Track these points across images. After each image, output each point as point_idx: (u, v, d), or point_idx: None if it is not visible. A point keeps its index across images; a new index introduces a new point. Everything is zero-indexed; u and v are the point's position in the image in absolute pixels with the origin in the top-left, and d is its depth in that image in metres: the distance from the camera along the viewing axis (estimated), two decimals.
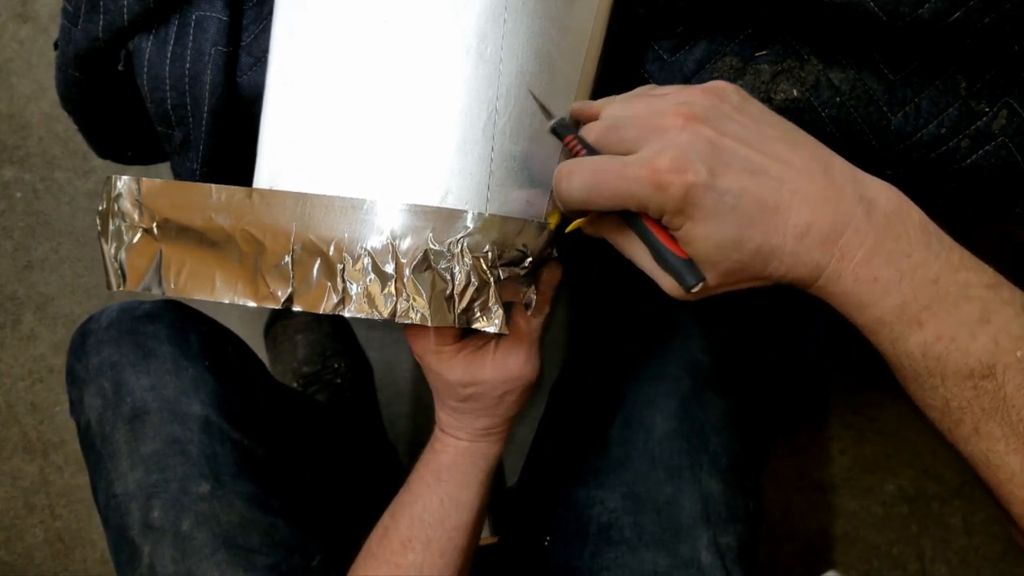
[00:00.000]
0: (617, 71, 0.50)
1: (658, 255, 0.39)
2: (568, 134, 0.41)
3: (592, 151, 0.40)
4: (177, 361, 0.55)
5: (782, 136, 0.37)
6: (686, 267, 0.38)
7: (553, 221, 0.44)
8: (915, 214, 0.37)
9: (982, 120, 0.49)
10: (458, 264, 0.41)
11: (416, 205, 0.40)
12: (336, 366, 1.03)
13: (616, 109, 0.40)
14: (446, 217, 0.41)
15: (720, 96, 0.38)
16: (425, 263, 0.40)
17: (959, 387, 0.36)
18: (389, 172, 0.41)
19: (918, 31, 0.45)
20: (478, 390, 0.48)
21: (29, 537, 1.15)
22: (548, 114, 0.42)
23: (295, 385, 1.01)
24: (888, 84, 0.49)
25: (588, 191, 0.38)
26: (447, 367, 0.48)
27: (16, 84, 1.10)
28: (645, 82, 0.51)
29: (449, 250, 0.41)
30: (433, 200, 0.41)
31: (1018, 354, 0.35)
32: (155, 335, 0.55)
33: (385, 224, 0.40)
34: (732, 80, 0.49)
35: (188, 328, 0.57)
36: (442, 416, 0.52)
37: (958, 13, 0.43)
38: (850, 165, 0.38)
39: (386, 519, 0.53)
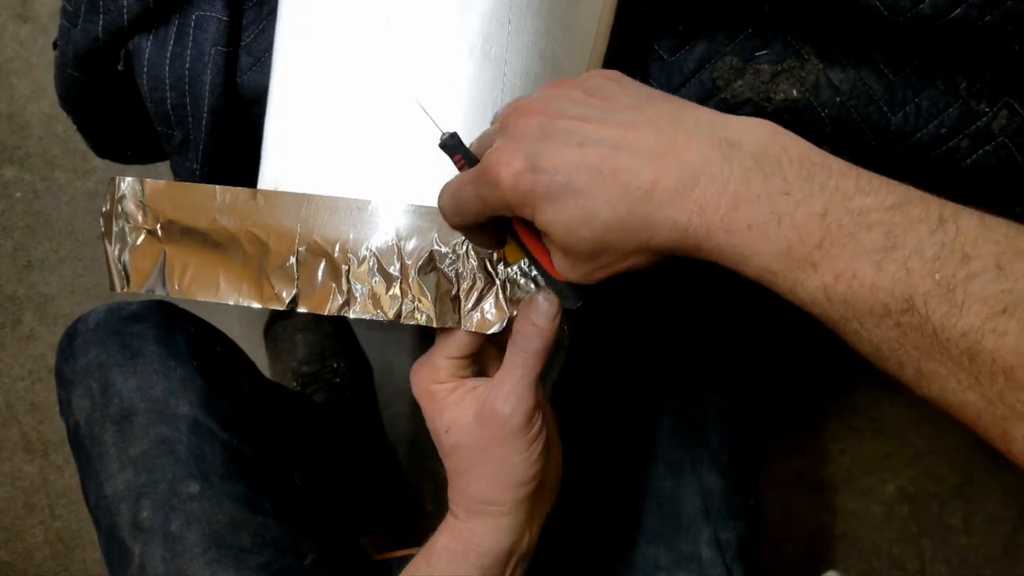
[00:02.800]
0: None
1: (532, 261, 0.38)
2: (457, 152, 0.38)
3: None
4: (164, 361, 0.54)
5: (634, 104, 0.35)
6: (554, 279, 0.38)
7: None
8: (792, 147, 0.32)
9: (982, 120, 0.49)
10: (463, 265, 0.41)
11: (421, 206, 0.40)
12: (336, 366, 1.02)
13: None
14: None
15: (573, 84, 0.37)
16: (430, 264, 0.40)
17: (881, 328, 0.31)
18: (394, 173, 0.41)
19: (919, 28, 0.45)
20: (460, 438, 0.43)
21: (29, 537, 1.15)
22: (437, 128, 0.38)
23: (294, 385, 1.01)
24: (888, 84, 0.49)
25: (455, 206, 0.37)
26: (438, 408, 0.44)
27: (16, 84, 1.10)
28: (647, 82, 0.51)
29: (454, 251, 0.41)
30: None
31: (936, 277, 0.29)
32: (142, 335, 0.55)
33: (390, 225, 0.40)
34: (732, 80, 0.50)
35: (175, 328, 0.56)
36: (448, 494, 0.47)
37: (959, 10, 0.43)
38: (715, 112, 0.34)
39: None
